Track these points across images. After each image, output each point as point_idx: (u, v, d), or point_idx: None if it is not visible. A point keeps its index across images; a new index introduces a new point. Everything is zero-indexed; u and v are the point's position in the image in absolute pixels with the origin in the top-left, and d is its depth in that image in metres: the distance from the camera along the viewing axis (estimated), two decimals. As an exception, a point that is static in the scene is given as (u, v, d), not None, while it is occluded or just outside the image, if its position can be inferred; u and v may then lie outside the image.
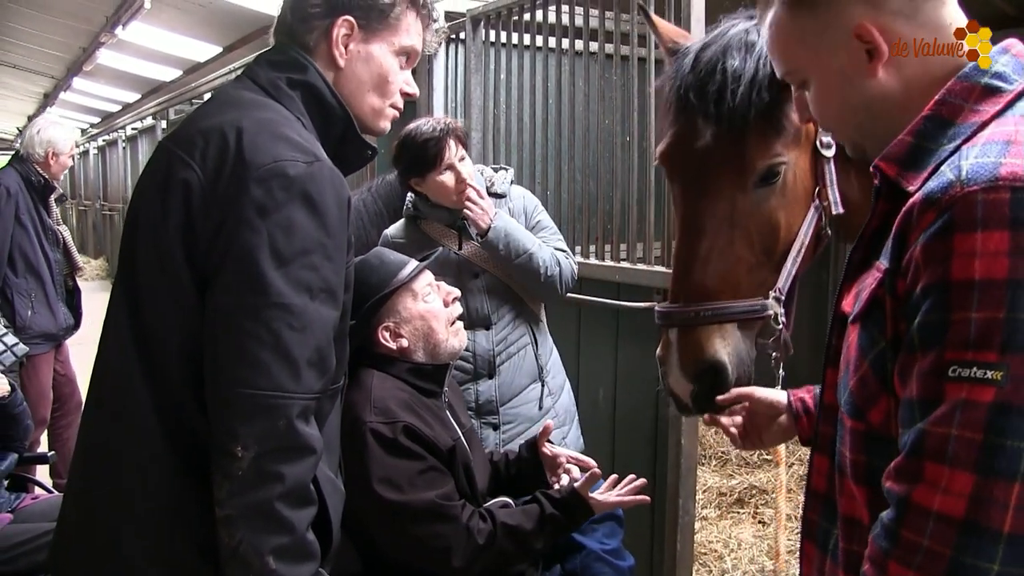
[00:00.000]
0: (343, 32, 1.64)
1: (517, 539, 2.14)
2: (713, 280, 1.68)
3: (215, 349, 1.43)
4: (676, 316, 1.69)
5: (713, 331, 1.67)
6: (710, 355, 1.67)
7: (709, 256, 1.68)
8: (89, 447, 1.58)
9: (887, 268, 1.08)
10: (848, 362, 1.16)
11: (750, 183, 1.67)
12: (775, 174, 1.67)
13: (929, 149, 1.11)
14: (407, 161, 2.83)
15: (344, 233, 1.53)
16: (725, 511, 4.62)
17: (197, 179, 1.46)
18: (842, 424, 1.18)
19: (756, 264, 1.70)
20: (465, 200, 2.80)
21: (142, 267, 1.51)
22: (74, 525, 1.57)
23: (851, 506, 1.17)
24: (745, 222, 1.68)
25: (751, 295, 1.69)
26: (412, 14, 1.71)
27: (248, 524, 1.39)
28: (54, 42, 10.47)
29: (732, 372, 1.68)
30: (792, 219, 1.71)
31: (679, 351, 1.69)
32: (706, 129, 1.68)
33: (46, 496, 3.29)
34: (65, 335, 4.68)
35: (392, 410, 2.09)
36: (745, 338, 1.71)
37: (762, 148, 1.66)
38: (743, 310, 1.68)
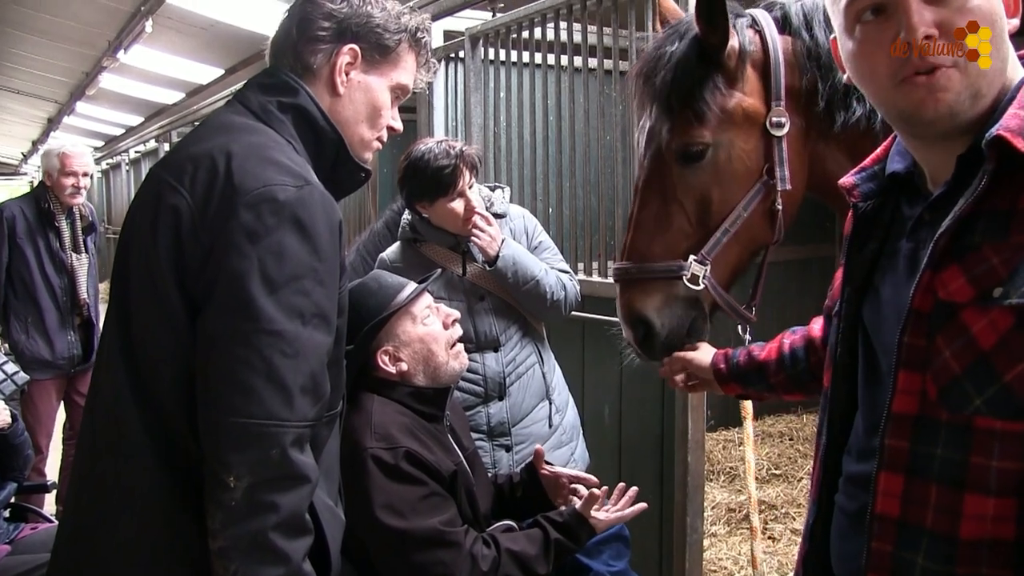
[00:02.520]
0: (347, 60, 1.64)
1: (522, 565, 2.11)
2: (646, 242, 1.90)
3: (207, 376, 1.41)
4: (617, 272, 1.95)
5: (645, 287, 1.91)
6: (638, 309, 1.91)
7: (646, 223, 1.91)
8: (83, 476, 1.56)
9: None
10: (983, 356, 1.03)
11: (674, 159, 1.86)
12: (697, 154, 1.84)
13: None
14: (417, 185, 2.79)
15: (336, 257, 1.51)
16: (734, 527, 4.57)
17: (186, 205, 1.45)
18: (968, 431, 1.04)
19: (690, 233, 1.88)
20: (473, 228, 2.78)
21: (134, 294, 1.50)
22: (67, 556, 1.55)
23: (980, 528, 1.03)
24: (675, 193, 1.87)
25: (685, 258, 1.87)
26: (413, 55, 1.73)
27: (242, 555, 1.36)
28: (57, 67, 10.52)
29: (660, 324, 1.91)
30: (727, 194, 1.86)
31: (619, 304, 1.96)
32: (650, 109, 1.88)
33: (45, 526, 3.26)
34: (69, 366, 4.62)
35: (393, 435, 2.07)
36: (676, 299, 1.91)
37: (680, 130, 1.83)
38: (661, 269, 1.89)
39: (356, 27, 1.65)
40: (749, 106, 1.82)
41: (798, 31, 1.84)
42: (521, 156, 4.11)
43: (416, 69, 1.76)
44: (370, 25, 1.66)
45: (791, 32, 1.85)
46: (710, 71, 1.80)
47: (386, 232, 3.41)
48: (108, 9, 7.52)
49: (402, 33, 1.70)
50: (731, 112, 1.81)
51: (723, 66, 1.81)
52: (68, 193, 4.59)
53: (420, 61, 1.76)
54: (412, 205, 2.87)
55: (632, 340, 1.97)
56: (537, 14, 3.84)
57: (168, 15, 7.26)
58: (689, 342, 1.98)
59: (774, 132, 1.82)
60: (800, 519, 4.56)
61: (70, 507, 1.58)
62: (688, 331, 1.95)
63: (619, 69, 3.52)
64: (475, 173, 2.83)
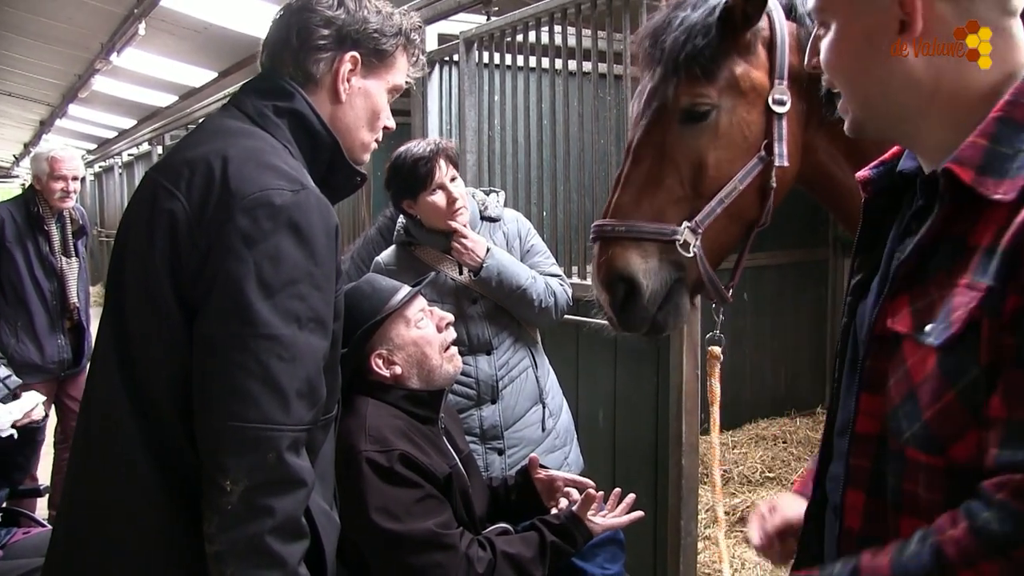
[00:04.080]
0: (348, 67, 1.66)
1: (517, 567, 2.11)
2: (638, 202, 1.85)
3: (203, 381, 1.41)
4: (599, 230, 1.87)
5: (630, 246, 1.83)
6: (621, 268, 1.83)
7: (639, 180, 1.86)
8: (77, 481, 1.56)
9: (991, 287, 0.98)
10: (912, 389, 1.04)
11: (675, 118, 1.84)
12: (701, 114, 1.82)
13: (1007, 154, 1.03)
14: (399, 183, 2.83)
15: (332, 261, 1.51)
16: (728, 530, 4.57)
17: (183, 209, 1.45)
18: (902, 459, 1.06)
19: (683, 197, 1.84)
20: (454, 242, 2.80)
21: (129, 299, 1.50)
22: (63, 560, 1.54)
23: None
24: (674, 154, 1.84)
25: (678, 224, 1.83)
26: (405, 55, 1.75)
27: (239, 559, 1.36)
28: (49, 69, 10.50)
29: (645, 285, 1.83)
30: (724, 162, 1.85)
31: (596, 262, 1.87)
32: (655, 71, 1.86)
33: (38, 530, 3.25)
34: (59, 370, 4.61)
35: (387, 438, 2.07)
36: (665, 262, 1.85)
37: (686, 87, 1.81)
38: (652, 231, 1.83)
39: (355, 34, 1.66)
40: (756, 77, 1.84)
41: (802, 19, 1.87)
42: (515, 160, 4.11)
43: (408, 67, 1.77)
44: (368, 31, 1.67)
45: (796, 19, 1.88)
46: (725, 37, 1.80)
47: (380, 239, 3.42)
48: (101, 12, 7.51)
49: (398, 37, 1.71)
50: (738, 78, 1.82)
51: (738, 36, 1.82)
52: (57, 197, 4.56)
53: (411, 60, 1.78)
54: (399, 205, 2.90)
55: (608, 304, 1.88)
56: (531, 18, 3.84)
57: (161, 18, 7.26)
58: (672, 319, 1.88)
59: (775, 108, 1.83)
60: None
61: (64, 511, 1.58)
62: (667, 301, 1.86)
63: (613, 73, 3.52)
64: (454, 166, 2.85)
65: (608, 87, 3.54)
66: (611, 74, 3.52)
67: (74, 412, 4.70)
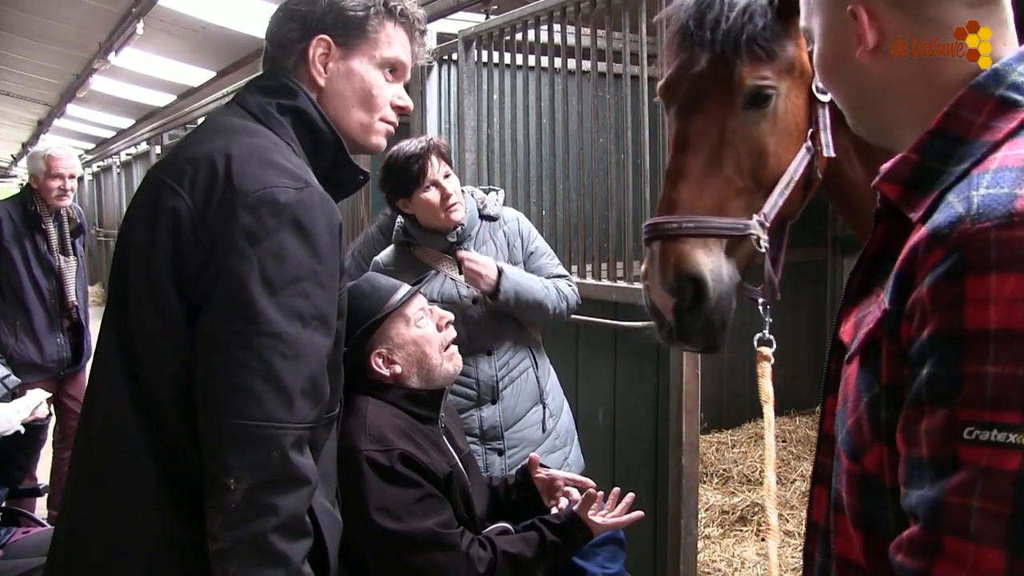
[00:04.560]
0: (320, 52, 1.63)
1: (518, 567, 2.11)
2: (699, 196, 1.70)
3: (206, 379, 1.40)
4: (659, 228, 1.70)
5: (696, 244, 1.68)
6: (690, 267, 1.66)
7: (697, 172, 1.71)
8: (79, 480, 1.55)
9: (887, 310, 0.96)
10: (846, 398, 1.05)
11: (739, 103, 1.71)
12: (764, 97, 1.72)
13: (935, 170, 0.99)
14: (392, 182, 2.82)
15: (336, 259, 1.51)
16: (728, 529, 4.57)
17: (186, 207, 1.44)
18: (839, 460, 1.08)
19: (744, 188, 1.72)
20: (464, 269, 2.79)
21: (132, 297, 1.49)
22: (64, 560, 1.54)
23: (847, 548, 1.07)
24: (735, 142, 1.71)
25: (749, 217, 1.70)
26: (391, 24, 1.69)
27: (242, 558, 1.36)
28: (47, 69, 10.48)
29: (713, 288, 1.67)
30: (782, 150, 1.74)
31: (660, 263, 1.69)
32: (702, 56, 1.73)
33: (37, 530, 3.24)
34: (58, 369, 4.60)
35: (388, 438, 2.06)
36: (729, 260, 1.71)
37: (751, 68, 1.69)
38: (726, 226, 1.69)
39: (320, 16, 1.64)
40: (804, 61, 1.76)
41: None
42: (514, 159, 4.11)
43: (407, 41, 1.72)
44: (333, 10, 1.64)
45: None
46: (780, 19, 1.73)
47: (380, 237, 3.41)
48: (99, 11, 7.49)
49: (369, 7, 1.66)
50: (791, 61, 1.75)
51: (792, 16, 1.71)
52: (55, 195, 4.55)
53: (408, 33, 1.72)
54: (394, 205, 2.89)
55: (671, 310, 1.69)
56: (530, 16, 3.84)
57: (159, 17, 7.24)
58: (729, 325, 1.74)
59: (820, 96, 1.76)
60: (793, 521, 4.57)
61: (66, 510, 1.57)
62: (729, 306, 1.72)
63: (612, 72, 3.52)
64: (447, 162, 2.84)
65: (608, 86, 3.54)
66: (611, 73, 3.52)
67: (73, 411, 4.70)
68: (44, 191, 4.54)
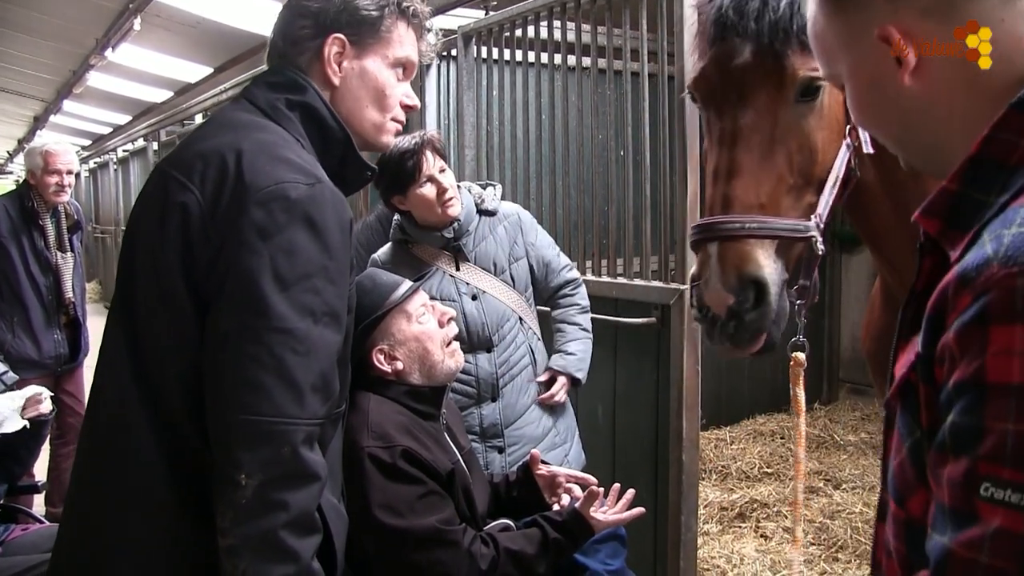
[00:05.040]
0: (335, 51, 1.63)
1: (520, 564, 2.11)
2: (757, 195, 1.65)
3: (216, 375, 1.40)
4: (719, 228, 1.64)
5: (756, 245, 1.63)
6: (754, 269, 1.62)
7: (751, 169, 1.65)
8: (85, 477, 1.55)
9: (920, 353, 0.91)
10: (893, 442, 1.01)
11: (791, 96, 1.66)
12: (816, 89, 1.67)
13: (977, 200, 0.92)
14: (388, 179, 2.80)
15: (346, 255, 1.50)
16: (727, 526, 4.58)
17: (196, 202, 1.44)
18: (887, 505, 1.03)
19: (794, 186, 1.67)
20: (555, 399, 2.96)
21: (140, 292, 1.49)
22: (70, 558, 1.53)
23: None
24: (786, 138, 1.67)
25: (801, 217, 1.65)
26: (403, 25, 1.70)
27: (252, 554, 1.35)
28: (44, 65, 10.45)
29: (773, 291, 1.63)
30: (828, 145, 1.70)
31: (720, 264, 1.64)
32: (745, 47, 1.67)
33: (36, 527, 3.24)
34: (56, 365, 4.59)
35: (390, 434, 2.06)
36: (793, 261, 1.68)
37: (802, 60, 1.64)
38: (788, 227, 1.64)
39: (334, 15, 1.63)
40: None
41: None
42: (514, 155, 4.11)
43: (416, 41, 1.73)
44: (348, 9, 1.64)
45: None
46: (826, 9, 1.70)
47: (378, 226, 3.40)
48: (96, 7, 7.47)
49: (384, 7, 1.66)
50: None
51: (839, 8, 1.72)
52: (52, 191, 4.53)
53: (418, 32, 1.73)
54: (390, 203, 2.88)
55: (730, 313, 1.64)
56: (530, 12, 3.83)
57: (156, 13, 7.21)
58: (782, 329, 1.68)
59: None
60: (791, 517, 4.57)
61: (71, 508, 1.56)
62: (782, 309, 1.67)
63: (612, 68, 3.51)
64: (442, 157, 2.83)
65: (608, 82, 3.53)
66: (611, 69, 3.51)
67: (71, 408, 4.69)
68: (41, 187, 4.52)
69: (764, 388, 6.39)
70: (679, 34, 3.03)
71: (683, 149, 3.10)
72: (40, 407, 3.17)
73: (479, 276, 2.87)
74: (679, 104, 3.08)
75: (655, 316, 3.28)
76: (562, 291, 3.06)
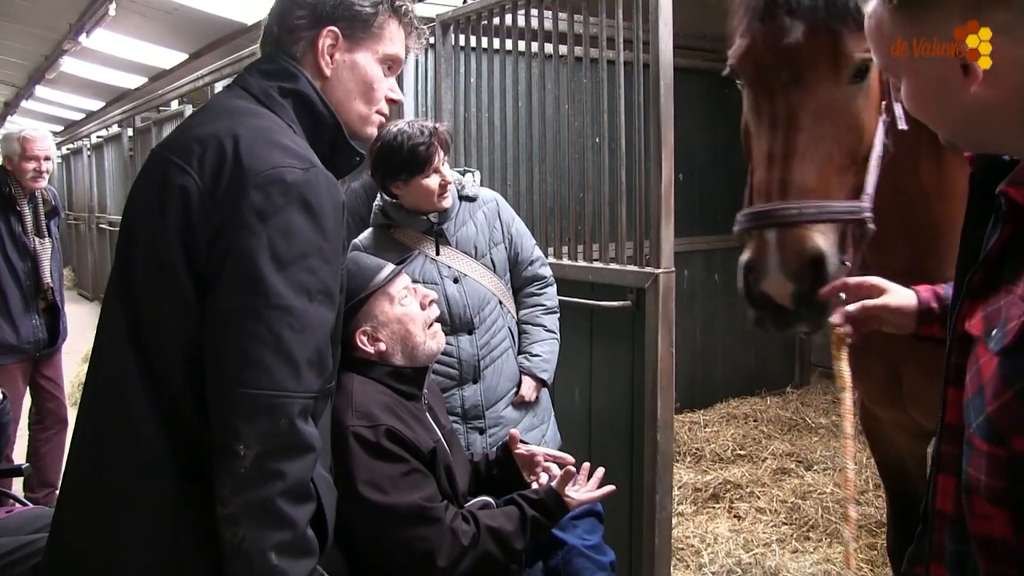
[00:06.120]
0: (328, 42, 1.68)
1: (499, 540, 2.16)
2: (812, 178, 1.64)
3: (216, 351, 1.45)
4: (777, 214, 1.63)
5: (814, 227, 1.62)
6: (812, 248, 1.61)
7: (806, 153, 1.64)
8: (85, 454, 1.59)
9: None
10: (982, 386, 1.09)
11: (845, 76, 1.66)
12: (866, 69, 1.67)
13: None
14: (394, 165, 2.83)
15: (340, 236, 1.56)
16: (701, 506, 4.67)
17: (195, 185, 1.49)
18: (971, 446, 1.10)
19: (842, 166, 1.67)
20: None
21: (139, 274, 1.54)
22: (71, 532, 1.57)
23: (988, 526, 1.10)
24: (837, 120, 1.66)
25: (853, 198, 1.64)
26: (394, 23, 1.76)
27: (251, 521, 1.41)
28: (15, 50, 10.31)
29: (832, 268, 1.62)
30: (871, 124, 1.70)
31: (780, 250, 1.63)
32: (796, 26, 1.66)
33: (20, 509, 3.25)
34: (34, 350, 4.58)
35: (374, 414, 2.11)
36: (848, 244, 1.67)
37: (856, 40, 1.62)
38: (845, 210, 1.63)
39: (330, 8, 1.69)
40: None
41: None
42: (491, 142, 4.15)
43: (405, 38, 1.79)
44: (343, 3, 1.69)
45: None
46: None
47: (362, 193, 3.43)
48: (70, -8, 7.41)
49: (378, 4, 1.72)
50: None
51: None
52: (30, 177, 4.52)
53: (407, 30, 1.79)
54: (386, 186, 2.91)
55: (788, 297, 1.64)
56: (508, 1, 3.87)
57: (132, -1, 7.17)
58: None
59: None
60: (764, 498, 4.67)
61: (71, 484, 1.61)
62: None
63: (589, 56, 3.57)
64: (447, 150, 2.89)
65: (584, 70, 3.59)
66: (587, 57, 3.56)
67: (49, 392, 4.70)
68: (19, 173, 4.51)
69: (738, 373, 6.49)
70: (654, 23, 3.08)
71: (658, 136, 3.15)
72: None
73: (460, 260, 2.93)
74: (655, 91, 3.13)
75: (630, 299, 3.34)
76: (529, 288, 3.12)
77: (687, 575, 3.96)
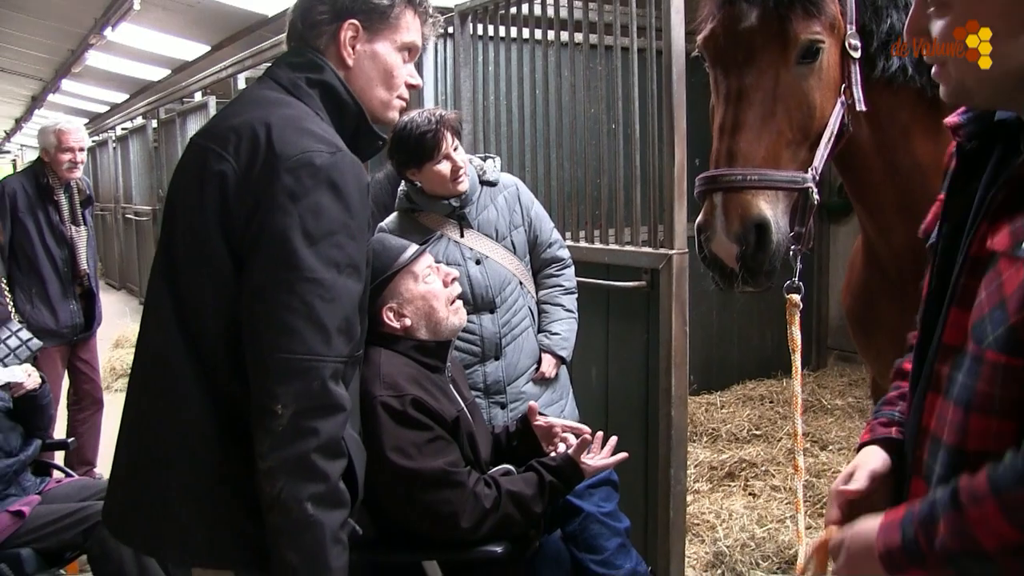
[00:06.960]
0: (349, 34, 1.81)
1: (519, 503, 2.27)
2: (758, 149, 1.79)
3: (254, 321, 1.58)
4: (723, 180, 1.79)
5: (758, 195, 1.78)
6: (756, 214, 1.77)
7: (754, 125, 1.80)
8: (136, 421, 1.74)
9: None
10: (1004, 300, 1.09)
11: (792, 57, 1.80)
12: (816, 51, 1.81)
13: None
14: (406, 153, 2.95)
15: (365, 214, 1.69)
16: (716, 484, 4.75)
17: (232, 170, 1.63)
18: (981, 361, 1.12)
19: (792, 141, 1.82)
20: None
21: (181, 252, 1.68)
22: (125, 492, 1.73)
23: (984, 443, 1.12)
24: (786, 97, 1.80)
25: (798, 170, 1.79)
26: (410, 12, 1.87)
27: (288, 474, 1.54)
28: (42, 45, 10.49)
29: (775, 233, 1.78)
30: (824, 104, 1.84)
31: (725, 213, 1.79)
32: (752, 10, 1.81)
33: (68, 479, 3.42)
34: (71, 334, 4.74)
35: (400, 384, 2.23)
36: (792, 209, 1.82)
37: (804, 24, 1.78)
38: (787, 179, 1.79)
39: (349, 2, 1.81)
40: (838, 18, 1.85)
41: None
42: (510, 128, 4.24)
43: (421, 27, 1.90)
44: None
45: None
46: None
47: (386, 183, 3.56)
48: (95, -14, 7.55)
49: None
50: (834, 16, 1.83)
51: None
52: (65, 168, 4.66)
53: (423, 19, 1.90)
54: (403, 173, 3.04)
55: (735, 257, 1.80)
56: (524, -10, 3.95)
57: (156, -8, 7.30)
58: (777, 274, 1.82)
59: (851, 53, 1.84)
60: (779, 477, 4.76)
61: (123, 448, 1.75)
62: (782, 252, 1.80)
63: (604, 44, 3.65)
64: (457, 136, 3.00)
65: (599, 58, 3.67)
66: (602, 45, 3.64)
67: (86, 375, 4.86)
68: (55, 164, 4.65)
69: (753, 355, 6.54)
70: (666, 11, 3.15)
71: (671, 122, 3.23)
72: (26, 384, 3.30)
73: (482, 242, 3.04)
74: (667, 78, 3.21)
75: (645, 280, 3.42)
76: (549, 269, 3.24)
77: (702, 548, 4.05)
